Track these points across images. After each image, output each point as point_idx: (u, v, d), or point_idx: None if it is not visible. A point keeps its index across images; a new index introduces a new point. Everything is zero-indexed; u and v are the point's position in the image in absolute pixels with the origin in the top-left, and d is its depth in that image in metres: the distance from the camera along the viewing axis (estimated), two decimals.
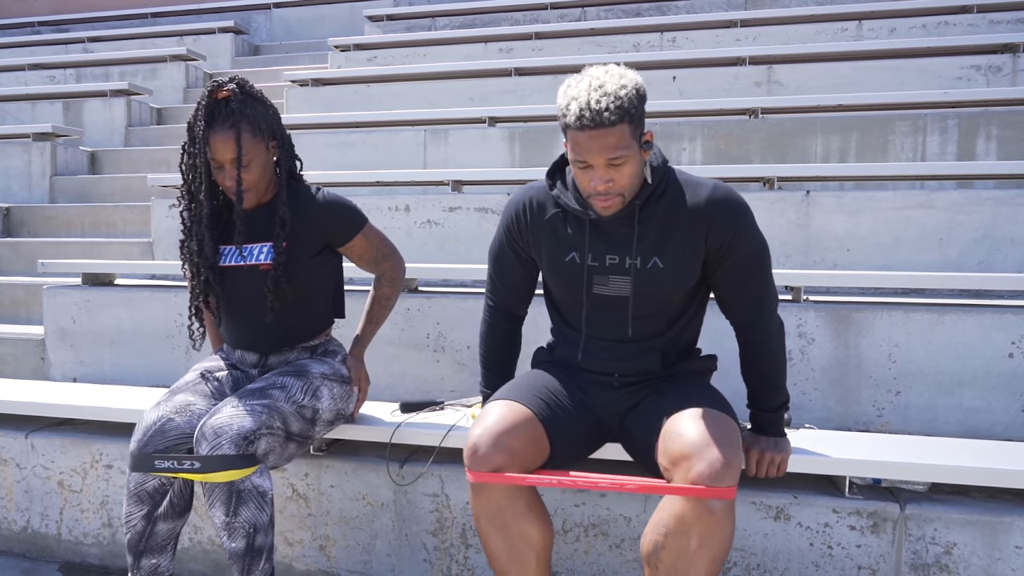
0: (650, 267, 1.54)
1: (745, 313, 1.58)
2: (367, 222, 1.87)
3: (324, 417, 1.79)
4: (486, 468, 1.45)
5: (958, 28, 4.80)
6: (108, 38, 7.60)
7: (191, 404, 1.71)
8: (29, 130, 4.52)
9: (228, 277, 1.79)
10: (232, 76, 1.75)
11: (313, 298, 1.85)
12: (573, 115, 1.38)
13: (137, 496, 1.64)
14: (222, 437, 1.56)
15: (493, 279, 1.75)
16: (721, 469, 1.35)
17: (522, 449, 1.48)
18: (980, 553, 1.66)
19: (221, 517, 1.58)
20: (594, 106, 1.35)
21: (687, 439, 1.41)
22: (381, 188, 3.76)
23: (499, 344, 1.77)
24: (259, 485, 1.60)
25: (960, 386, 2.16)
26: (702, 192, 1.53)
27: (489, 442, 1.46)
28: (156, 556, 1.68)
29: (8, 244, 3.88)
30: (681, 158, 3.67)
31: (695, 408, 1.48)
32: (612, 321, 1.61)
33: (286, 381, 1.73)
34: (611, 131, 1.37)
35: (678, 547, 1.37)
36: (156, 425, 1.65)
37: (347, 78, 4.87)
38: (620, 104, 1.36)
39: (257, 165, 1.72)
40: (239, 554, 1.59)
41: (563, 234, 1.60)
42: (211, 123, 1.68)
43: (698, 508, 1.34)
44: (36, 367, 2.89)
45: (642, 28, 5.26)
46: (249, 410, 1.61)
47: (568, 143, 1.44)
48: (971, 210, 2.72)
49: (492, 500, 1.46)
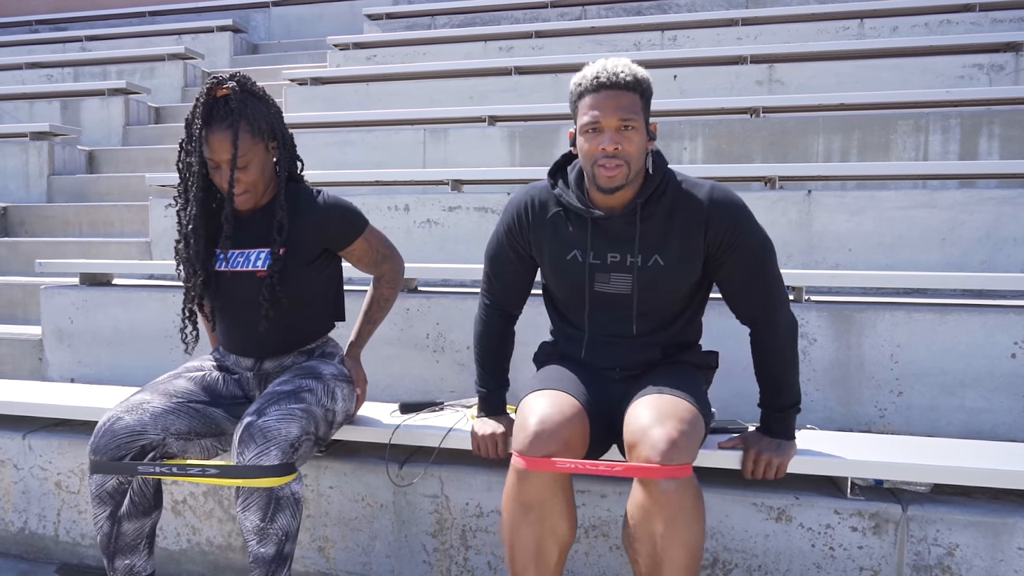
0: (651, 264, 1.56)
1: (752, 311, 1.59)
2: (368, 225, 1.84)
3: (338, 419, 1.78)
4: (540, 455, 1.42)
5: (960, 27, 4.79)
6: (106, 37, 7.58)
7: (145, 402, 1.67)
8: (27, 129, 4.50)
9: (223, 282, 1.75)
10: (233, 73, 1.70)
11: (312, 303, 1.82)
12: (589, 77, 1.47)
13: (99, 497, 1.62)
14: (271, 443, 1.53)
15: (490, 278, 1.74)
16: (667, 448, 1.35)
17: (573, 440, 1.46)
18: (983, 554, 1.65)
19: (255, 522, 1.54)
20: (611, 69, 1.46)
21: (636, 424, 1.43)
22: (380, 188, 3.74)
23: (495, 343, 1.76)
24: (296, 492, 1.59)
25: (963, 386, 2.15)
26: (700, 192, 1.55)
27: (551, 429, 1.44)
28: (129, 556, 1.65)
29: (5, 244, 3.86)
30: (682, 157, 3.66)
31: (654, 392, 1.50)
32: (614, 318, 1.62)
33: (310, 384, 1.70)
34: (625, 93, 1.46)
35: (646, 535, 1.37)
36: (106, 425, 1.62)
37: (346, 77, 4.86)
38: (635, 74, 1.47)
39: (255, 166, 1.68)
40: (267, 560, 1.56)
41: (565, 232, 1.61)
42: (209, 121, 1.64)
43: (653, 491, 1.35)
44: (34, 367, 2.87)
45: (643, 27, 5.25)
46: (291, 415, 1.59)
47: (579, 113, 1.49)
48: (974, 209, 2.71)
49: (535, 491, 1.43)
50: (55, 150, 4.55)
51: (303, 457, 1.63)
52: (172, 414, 1.67)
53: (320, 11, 8.11)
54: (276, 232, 1.70)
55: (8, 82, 6.45)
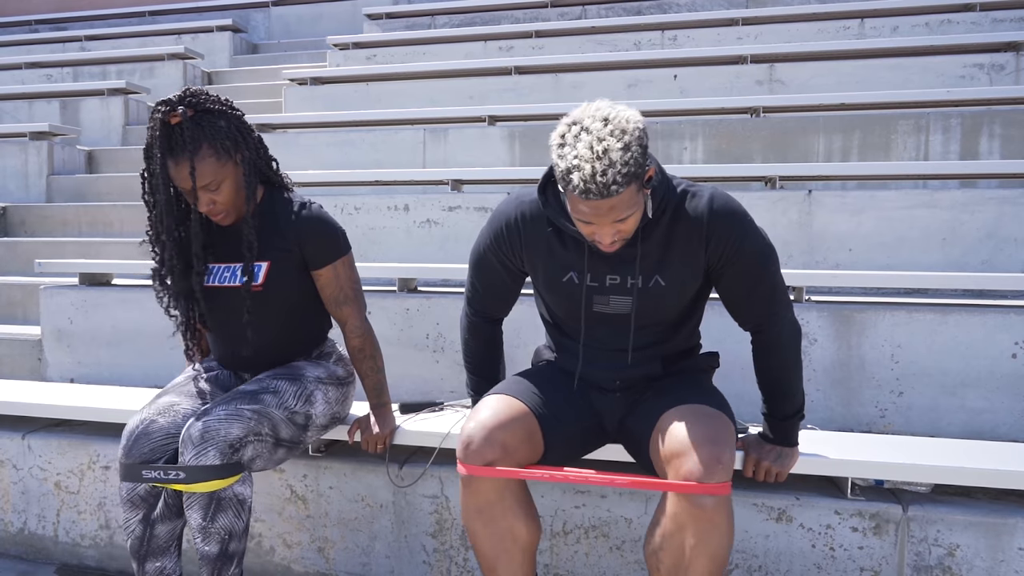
0: (652, 286, 1.52)
1: (754, 318, 1.55)
2: (344, 256, 1.74)
3: (318, 422, 1.76)
4: (479, 462, 1.44)
5: (961, 26, 4.79)
6: (106, 36, 7.58)
7: (175, 404, 1.67)
8: (26, 129, 4.49)
9: (209, 297, 1.73)
10: (183, 93, 1.57)
11: (305, 312, 1.79)
12: (576, 187, 1.29)
13: (131, 502, 1.62)
14: (208, 443, 1.53)
15: (475, 285, 1.68)
16: (711, 465, 1.34)
17: (516, 445, 1.47)
18: (983, 555, 1.65)
19: (198, 521, 1.56)
20: (599, 179, 1.26)
21: (677, 437, 1.41)
22: (380, 187, 3.74)
23: (484, 348, 1.74)
24: (239, 493, 1.58)
25: (963, 387, 2.14)
26: (700, 204, 1.48)
27: (483, 436, 1.45)
28: (160, 559, 1.66)
29: (5, 244, 3.86)
30: (682, 157, 3.65)
31: (688, 405, 1.48)
32: (612, 334, 1.59)
33: (279, 385, 1.69)
34: (618, 197, 1.30)
35: (675, 546, 1.36)
36: (139, 428, 1.62)
37: (346, 77, 4.85)
38: (628, 171, 1.28)
39: (228, 185, 1.61)
40: (211, 558, 1.58)
41: (560, 253, 1.54)
42: (171, 151, 1.55)
43: (690, 505, 1.34)
44: (33, 367, 2.87)
45: (643, 26, 5.24)
46: (237, 415, 1.57)
47: (567, 197, 1.36)
48: (974, 209, 2.71)
49: (481, 495, 1.46)
50: (54, 150, 4.55)
51: (261, 458, 1.62)
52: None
53: (320, 11, 8.10)
54: (246, 249, 1.65)
55: (8, 82, 6.44)
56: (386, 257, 3.28)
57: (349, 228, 3.31)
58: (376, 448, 1.80)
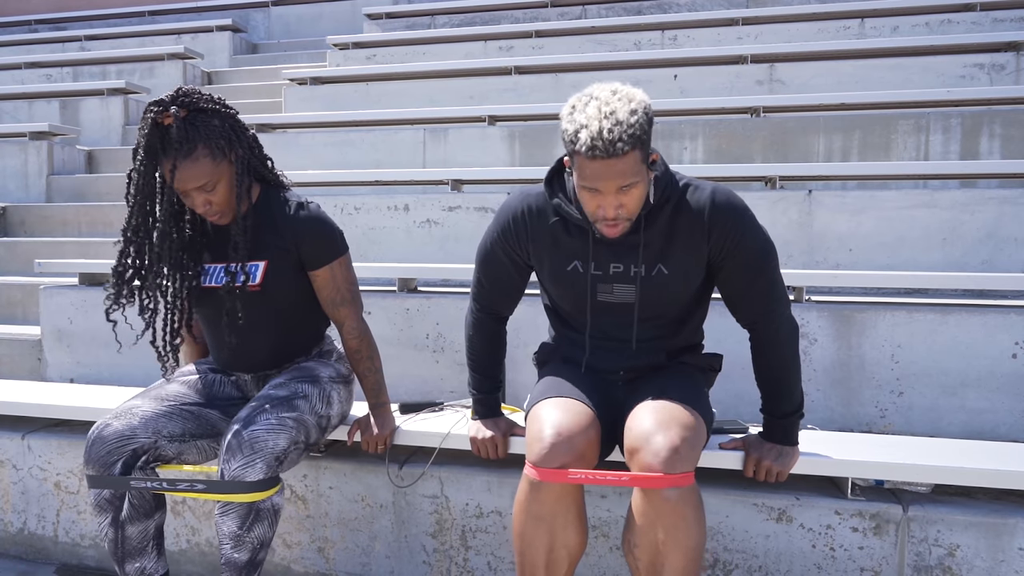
0: (655, 274, 1.54)
1: (752, 314, 1.56)
2: (342, 256, 1.72)
3: (333, 423, 1.77)
4: (553, 466, 1.40)
5: (961, 26, 4.79)
6: (105, 36, 7.58)
7: (135, 407, 1.65)
8: (26, 129, 4.49)
9: (203, 298, 1.71)
10: (175, 93, 1.54)
11: (305, 310, 1.78)
12: (584, 144, 1.33)
13: (99, 506, 1.62)
14: (257, 455, 1.52)
15: (482, 282, 1.70)
16: (668, 456, 1.34)
17: (587, 451, 1.45)
18: (984, 555, 1.65)
19: (233, 528, 1.54)
20: (606, 136, 1.31)
21: (637, 430, 1.42)
22: (380, 187, 3.74)
23: (489, 346, 1.74)
24: (276, 504, 1.58)
25: (963, 387, 2.14)
26: (702, 197, 1.51)
27: (566, 440, 1.42)
28: (138, 559, 1.65)
29: (4, 244, 3.86)
30: (682, 157, 3.65)
31: (658, 400, 1.48)
32: (617, 324, 1.60)
33: (306, 389, 1.67)
34: (623, 159, 1.33)
35: (648, 543, 1.37)
36: (95, 434, 1.60)
37: (346, 76, 4.85)
38: (632, 132, 1.32)
39: (223, 185, 1.58)
40: (239, 565, 1.56)
41: (565, 243, 1.57)
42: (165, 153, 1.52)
43: (654, 499, 1.34)
44: (33, 368, 2.87)
45: (643, 26, 5.24)
46: (282, 425, 1.57)
47: (574, 167, 1.40)
48: (975, 209, 2.71)
49: (546, 504, 1.42)
50: (54, 150, 4.55)
51: (290, 463, 1.62)
52: (163, 417, 1.66)
53: (320, 11, 8.10)
54: (232, 250, 1.62)
55: (7, 82, 6.44)
56: (386, 257, 3.28)
57: (349, 228, 3.31)
58: (376, 448, 1.80)
